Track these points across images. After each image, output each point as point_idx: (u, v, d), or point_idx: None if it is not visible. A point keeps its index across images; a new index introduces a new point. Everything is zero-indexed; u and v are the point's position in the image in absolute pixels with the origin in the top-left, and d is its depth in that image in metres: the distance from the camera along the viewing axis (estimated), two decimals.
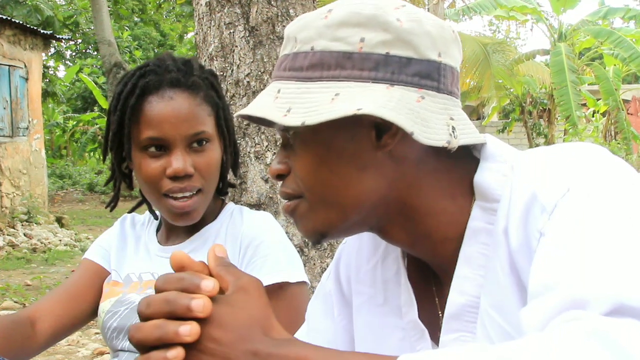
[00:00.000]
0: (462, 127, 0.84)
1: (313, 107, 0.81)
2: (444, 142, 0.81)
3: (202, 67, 1.51)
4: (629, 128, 18.75)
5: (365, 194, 0.85)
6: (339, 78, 0.83)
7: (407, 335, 0.93)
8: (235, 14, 2.39)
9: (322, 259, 2.36)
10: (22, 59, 12.13)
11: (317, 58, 0.84)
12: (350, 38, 0.83)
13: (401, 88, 0.82)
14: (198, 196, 1.41)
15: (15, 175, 11.77)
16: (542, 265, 0.70)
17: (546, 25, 20.68)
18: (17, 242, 10.46)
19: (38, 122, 12.75)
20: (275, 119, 0.82)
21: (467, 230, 0.86)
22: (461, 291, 0.86)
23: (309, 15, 0.88)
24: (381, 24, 0.82)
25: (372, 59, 0.82)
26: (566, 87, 16.87)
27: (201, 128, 1.39)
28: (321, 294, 1.10)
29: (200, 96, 1.42)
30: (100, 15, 12.76)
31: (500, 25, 31.38)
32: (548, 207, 0.75)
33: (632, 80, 26.44)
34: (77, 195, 18.93)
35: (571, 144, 0.82)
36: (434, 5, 16.59)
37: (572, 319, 0.60)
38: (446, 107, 0.84)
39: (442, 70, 0.84)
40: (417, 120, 0.80)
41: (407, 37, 0.82)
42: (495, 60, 18.05)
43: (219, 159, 1.45)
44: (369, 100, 0.79)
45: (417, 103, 0.81)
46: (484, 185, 0.85)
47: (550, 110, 20.90)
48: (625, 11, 18.41)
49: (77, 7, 23.07)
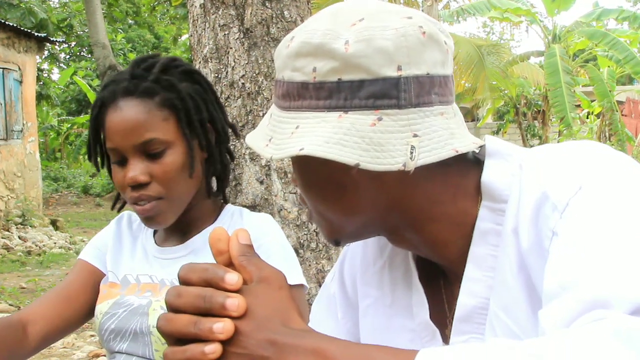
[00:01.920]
0: (426, 143, 0.80)
1: (281, 139, 0.83)
2: (400, 165, 0.78)
3: (169, 67, 1.47)
4: (623, 129, 18.80)
5: (353, 209, 0.87)
6: (301, 108, 0.83)
7: (417, 337, 0.93)
8: (230, 15, 2.39)
9: (317, 260, 2.36)
10: (16, 61, 12.10)
11: (285, 88, 0.85)
12: (305, 68, 0.83)
13: (355, 113, 0.80)
14: (158, 202, 1.39)
15: (10, 178, 11.74)
16: (558, 265, 0.70)
17: (540, 26, 20.73)
18: (11, 245, 10.43)
19: (32, 125, 12.72)
20: (258, 150, 0.86)
21: (475, 232, 0.85)
22: (471, 293, 0.85)
23: (284, 40, 0.88)
24: (327, 52, 0.81)
25: (325, 87, 0.81)
26: (560, 88, 16.91)
27: (150, 135, 1.37)
28: (325, 296, 1.10)
29: (154, 101, 1.39)
30: (94, 17, 12.72)
31: (495, 27, 31.45)
32: (560, 205, 0.75)
33: (626, 82, 26.52)
34: (72, 197, 18.90)
35: (575, 142, 0.82)
36: (428, 7, 16.62)
37: (597, 318, 0.60)
38: (410, 124, 0.80)
39: (402, 85, 0.80)
40: (369, 147, 0.78)
41: (354, 60, 0.80)
42: (489, 62, 18.07)
43: (180, 163, 1.41)
44: (315, 137, 0.79)
45: (370, 127, 0.79)
46: (491, 186, 0.85)
47: (544, 112, 20.94)
48: (618, 12, 18.46)
49: (71, 9, 23.03)
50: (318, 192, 0.88)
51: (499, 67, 18.41)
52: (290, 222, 2.32)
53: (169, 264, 1.48)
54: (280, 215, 2.31)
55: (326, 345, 0.63)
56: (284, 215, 2.31)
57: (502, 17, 19.53)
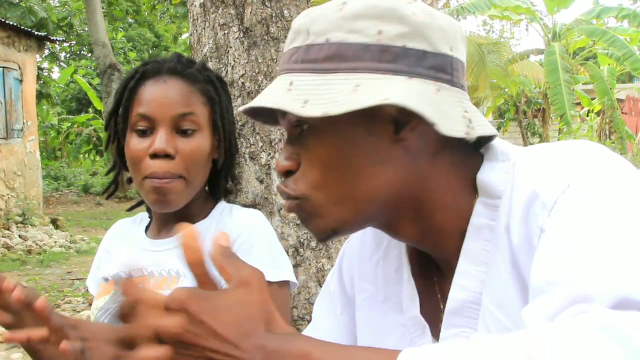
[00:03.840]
0: (476, 119, 0.85)
1: (333, 98, 0.80)
2: (463, 133, 0.81)
3: (208, 68, 1.54)
4: (624, 127, 18.80)
5: (379, 188, 0.85)
6: (357, 70, 0.82)
7: (407, 332, 0.94)
8: (230, 14, 2.39)
9: (317, 259, 2.36)
10: (16, 60, 12.10)
11: (333, 50, 0.83)
12: (367, 30, 0.82)
13: (419, 80, 0.82)
14: (177, 181, 1.39)
15: (10, 177, 11.75)
16: (544, 261, 0.71)
17: (540, 24, 20.72)
18: (12, 243, 10.44)
19: (32, 123, 12.73)
20: (293, 111, 0.80)
21: (469, 227, 0.86)
22: (463, 287, 0.86)
23: (320, 8, 0.87)
24: (398, 17, 0.83)
25: (391, 51, 0.82)
26: (560, 86, 16.91)
27: (189, 109, 1.41)
28: (326, 292, 1.11)
29: (196, 86, 1.45)
30: (94, 16, 12.74)
31: (494, 25, 31.43)
32: (548, 203, 0.76)
33: (627, 80, 26.51)
34: (72, 196, 18.90)
35: (571, 141, 0.83)
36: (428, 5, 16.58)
37: (578, 312, 0.61)
38: (460, 100, 0.85)
39: (454, 64, 0.85)
40: (438, 111, 0.80)
41: (423, 30, 0.83)
42: (490, 60, 18.07)
43: (206, 151, 1.44)
44: (393, 91, 0.79)
45: (434, 95, 0.82)
46: (487, 182, 0.86)
47: (544, 110, 20.94)
48: (618, 10, 18.46)
49: (71, 8, 23.03)
50: (349, 166, 0.84)
51: (499, 66, 18.41)
52: (290, 221, 2.33)
53: (159, 255, 1.50)
54: (280, 214, 2.31)
55: (312, 349, 0.64)
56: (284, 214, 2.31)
57: (502, 15, 19.52)
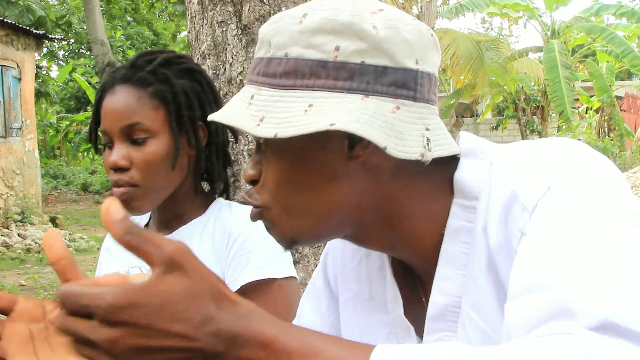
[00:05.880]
0: (437, 137, 0.82)
1: (286, 118, 0.79)
2: (418, 155, 0.79)
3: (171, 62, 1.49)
4: (623, 125, 18.82)
5: (337, 203, 0.84)
6: (313, 88, 0.80)
7: (393, 332, 0.92)
8: (228, 12, 2.39)
9: (316, 257, 2.36)
10: (15, 59, 12.10)
11: (291, 66, 0.81)
12: (325, 46, 0.80)
13: (376, 99, 0.80)
14: (133, 190, 1.41)
15: (9, 175, 11.75)
16: (524, 266, 0.69)
17: (539, 22, 20.72)
18: (11, 242, 10.44)
19: (31, 122, 12.72)
20: (248, 130, 0.80)
21: (447, 229, 0.84)
22: (443, 292, 0.85)
23: (284, 17, 0.85)
24: (357, 32, 0.80)
25: (348, 68, 0.80)
26: (559, 83, 16.92)
27: (135, 119, 1.40)
28: (312, 290, 1.10)
29: (147, 91, 1.43)
30: (93, 15, 12.71)
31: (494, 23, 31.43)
32: (529, 206, 0.74)
33: (626, 78, 26.52)
34: (71, 195, 18.90)
35: (552, 140, 0.81)
36: (427, 3, 16.62)
37: (562, 332, 0.60)
38: (422, 117, 0.82)
39: (419, 79, 0.82)
40: (392, 132, 0.78)
41: (383, 45, 0.80)
42: (488, 58, 18.07)
43: (163, 154, 1.42)
44: (342, 114, 0.77)
45: (392, 114, 0.79)
46: (463, 183, 0.84)
47: (543, 108, 20.95)
48: (617, 7, 18.47)
49: (69, 7, 23.01)
50: (305, 182, 0.84)
51: (498, 63, 18.42)
52: None
53: None
54: None
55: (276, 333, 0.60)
56: None
57: (501, 13, 19.54)
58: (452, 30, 20.23)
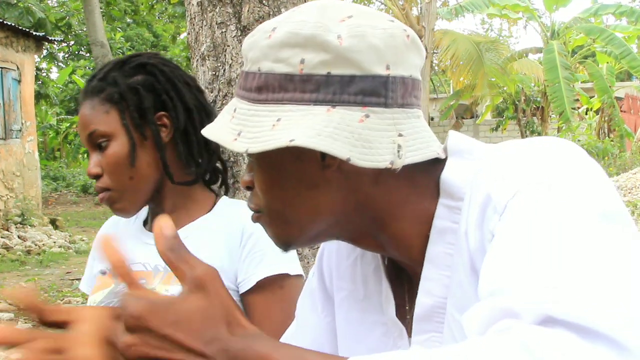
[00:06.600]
0: (411, 143, 0.81)
1: (257, 132, 0.80)
2: (387, 163, 0.78)
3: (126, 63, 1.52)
4: (623, 125, 18.82)
5: (319, 209, 0.85)
6: (282, 101, 0.81)
7: (389, 331, 0.92)
8: (227, 13, 2.40)
9: (315, 257, 2.37)
10: (14, 61, 12.10)
11: (262, 80, 0.82)
12: (291, 59, 0.81)
13: (343, 108, 0.79)
14: (108, 193, 1.47)
15: (9, 177, 11.75)
16: (487, 269, 0.70)
17: (539, 23, 20.74)
18: (11, 244, 10.44)
19: (31, 124, 12.72)
20: (225, 145, 0.82)
21: (432, 230, 0.84)
22: (428, 292, 0.85)
23: (257, 31, 0.86)
24: (320, 43, 0.80)
25: (313, 80, 0.80)
26: (559, 83, 16.92)
27: (92, 128, 1.46)
28: (308, 290, 1.10)
29: (99, 98, 1.47)
30: (92, 16, 12.73)
31: (493, 24, 31.47)
32: (499, 207, 0.74)
33: (625, 78, 26.53)
34: (71, 197, 18.90)
35: (539, 140, 0.80)
36: (426, 4, 16.62)
37: (504, 328, 0.60)
38: (395, 123, 0.81)
39: (389, 84, 0.81)
40: (358, 142, 0.78)
41: (347, 55, 0.80)
42: (488, 58, 18.09)
43: (122, 155, 1.45)
44: (305, 128, 0.77)
45: (359, 123, 0.79)
46: (448, 183, 0.84)
47: (543, 108, 20.97)
48: (616, 7, 18.49)
49: (69, 8, 23.01)
50: (286, 191, 0.85)
51: (497, 64, 18.44)
52: None
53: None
54: None
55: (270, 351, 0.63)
56: None
57: (500, 14, 19.55)
58: (451, 31, 20.26)
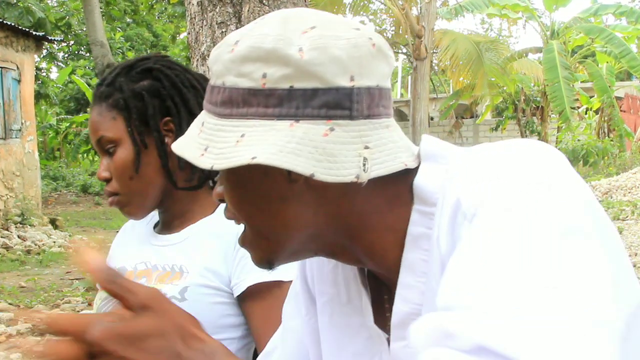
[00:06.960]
0: (377, 155, 0.80)
1: (223, 148, 0.79)
2: (352, 177, 0.77)
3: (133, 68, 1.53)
4: (622, 125, 18.83)
5: (292, 224, 0.84)
6: (246, 116, 0.80)
7: (372, 335, 0.92)
8: (227, 13, 2.40)
9: None
10: (14, 60, 12.10)
11: (227, 94, 0.81)
12: (253, 74, 0.79)
13: (307, 123, 0.78)
14: (116, 198, 1.50)
15: (9, 177, 11.75)
16: (445, 279, 0.69)
17: (538, 22, 20.74)
18: (11, 244, 10.44)
19: (31, 124, 12.72)
20: (192, 161, 0.81)
21: (407, 237, 0.83)
22: (404, 299, 0.84)
23: (222, 44, 0.85)
24: (281, 57, 0.78)
25: (276, 94, 0.79)
26: (558, 83, 16.92)
27: (99, 134, 1.48)
28: (292, 294, 1.09)
29: (106, 103, 1.49)
30: (92, 16, 12.72)
31: (493, 24, 31.46)
32: (468, 214, 0.72)
33: (625, 78, 26.53)
34: (71, 196, 18.89)
35: (515, 143, 0.78)
36: (426, 4, 16.63)
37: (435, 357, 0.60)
38: (361, 135, 0.79)
39: (354, 96, 0.79)
40: (322, 157, 0.77)
41: (309, 68, 0.78)
42: (487, 58, 18.09)
43: (128, 160, 1.47)
44: (267, 145, 0.76)
45: (323, 137, 0.78)
46: (421, 188, 0.83)
47: (543, 108, 20.96)
48: (616, 7, 18.49)
49: (69, 8, 23.02)
50: (256, 206, 0.84)
51: (497, 64, 18.43)
52: None
53: (161, 250, 1.54)
54: None
55: None
56: None
57: (500, 13, 19.54)
58: (451, 31, 20.26)
